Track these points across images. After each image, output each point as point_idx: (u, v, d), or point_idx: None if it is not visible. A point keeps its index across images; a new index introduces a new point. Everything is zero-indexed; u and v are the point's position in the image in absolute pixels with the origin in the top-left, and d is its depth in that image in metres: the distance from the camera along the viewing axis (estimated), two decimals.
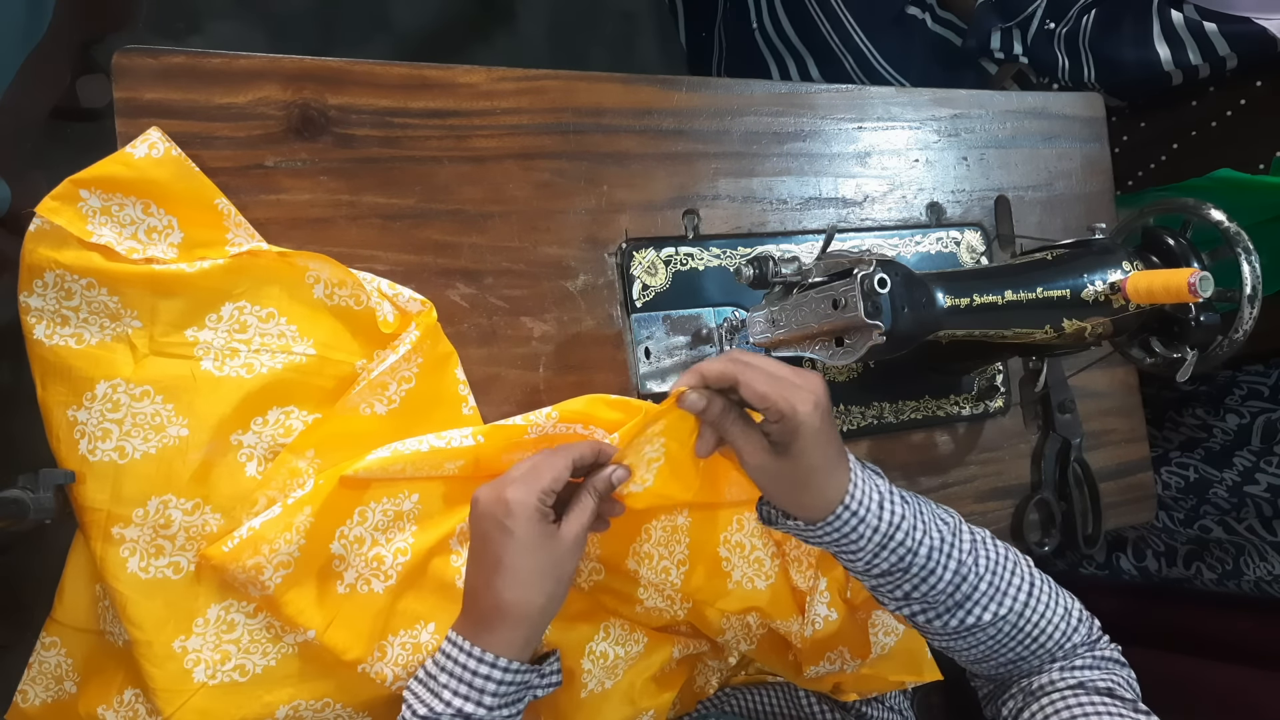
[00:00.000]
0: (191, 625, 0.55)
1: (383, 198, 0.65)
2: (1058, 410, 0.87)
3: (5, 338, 1.21)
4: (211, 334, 0.56)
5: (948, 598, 0.55)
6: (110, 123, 0.58)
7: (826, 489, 0.53)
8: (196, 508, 0.55)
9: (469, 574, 0.53)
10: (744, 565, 0.67)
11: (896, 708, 0.75)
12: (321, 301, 0.58)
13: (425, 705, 0.51)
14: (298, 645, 0.58)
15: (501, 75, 0.69)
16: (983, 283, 0.64)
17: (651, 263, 0.73)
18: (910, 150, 0.85)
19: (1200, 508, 1.02)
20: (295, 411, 0.58)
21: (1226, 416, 1.01)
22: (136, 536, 0.54)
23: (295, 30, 1.43)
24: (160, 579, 0.54)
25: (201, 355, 0.56)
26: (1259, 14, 0.92)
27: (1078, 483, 0.88)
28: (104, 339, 0.54)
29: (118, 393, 0.54)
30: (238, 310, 0.57)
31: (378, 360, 0.59)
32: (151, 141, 0.55)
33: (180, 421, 0.55)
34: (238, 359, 0.56)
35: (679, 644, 0.67)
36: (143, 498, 0.54)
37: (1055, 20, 1.11)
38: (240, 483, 0.56)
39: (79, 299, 0.54)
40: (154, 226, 0.55)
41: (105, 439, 0.54)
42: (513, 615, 0.51)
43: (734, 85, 0.79)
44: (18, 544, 1.11)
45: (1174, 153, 1.03)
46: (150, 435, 0.54)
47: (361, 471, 0.57)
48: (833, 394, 0.78)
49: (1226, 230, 0.66)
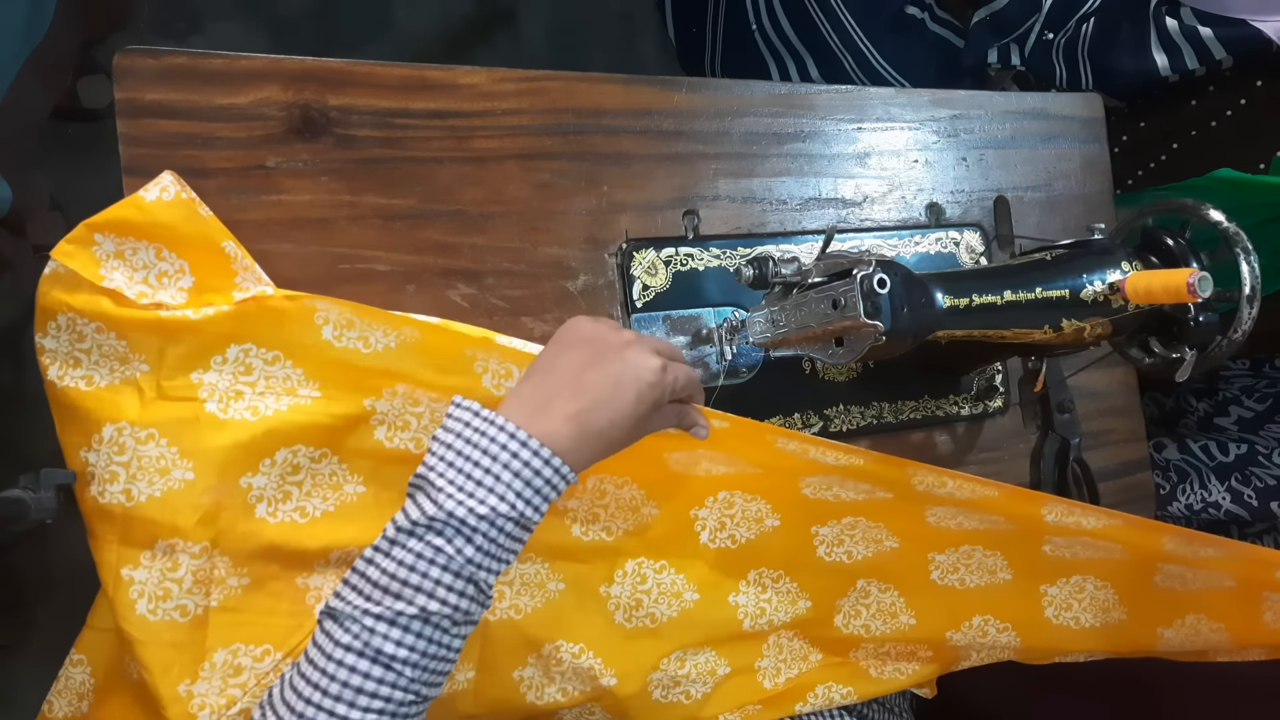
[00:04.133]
0: (198, 669, 0.55)
1: (383, 198, 0.65)
2: (1057, 410, 0.87)
3: (5, 338, 1.21)
4: (216, 376, 0.55)
5: None
6: (111, 123, 0.58)
7: None
8: (205, 551, 0.55)
9: (545, 381, 0.50)
10: None
11: (896, 709, 0.75)
12: (329, 343, 0.57)
13: (479, 501, 0.45)
14: None
15: (502, 76, 0.69)
16: (982, 283, 0.64)
17: (652, 263, 0.73)
18: (910, 151, 0.85)
19: (1170, 434, 1.02)
20: (302, 450, 0.57)
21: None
22: (145, 579, 0.54)
23: (296, 31, 1.43)
24: (168, 621, 0.54)
25: (206, 398, 0.55)
26: (1255, 16, 0.92)
27: (1077, 482, 0.88)
28: (112, 382, 0.54)
29: (123, 435, 0.54)
30: (243, 353, 0.56)
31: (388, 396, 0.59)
32: (163, 185, 0.56)
33: (185, 465, 0.54)
34: (242, 401, 0.56)
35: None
36: (150, 540, 0.54)
37: (1054, 31, 1.11)
38: (251, 525, 0.56)
39: (90, 342, 0.54)
40: (165, 271, 0.55)
41: (113, 481, 0.53)
42: (588, 440, 0.49)
43: (734, 86, 0.79)
44: (18, 544, 1.11)
45: (1173, 152, 1.03)
46: (155, 478, 0.54)
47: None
48: (832, 394, 0.78)
49: (1226, 230, 0.66)
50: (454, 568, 0.44)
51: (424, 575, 0.44)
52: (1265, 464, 0.90)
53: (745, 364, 0.75)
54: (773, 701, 0.68)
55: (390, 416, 0.59)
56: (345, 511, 0.58)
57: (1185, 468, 0.95)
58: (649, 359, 0.51)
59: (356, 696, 0.42)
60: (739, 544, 0.66)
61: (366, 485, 0.58)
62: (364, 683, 0.43)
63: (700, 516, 0.66)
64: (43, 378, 0.54)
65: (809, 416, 0.77)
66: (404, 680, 0.43)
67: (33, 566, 1.14)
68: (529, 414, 0.48)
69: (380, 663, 0.43)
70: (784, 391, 0.77)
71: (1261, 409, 0.97)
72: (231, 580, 0.56)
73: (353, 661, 0.43)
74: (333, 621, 0.44)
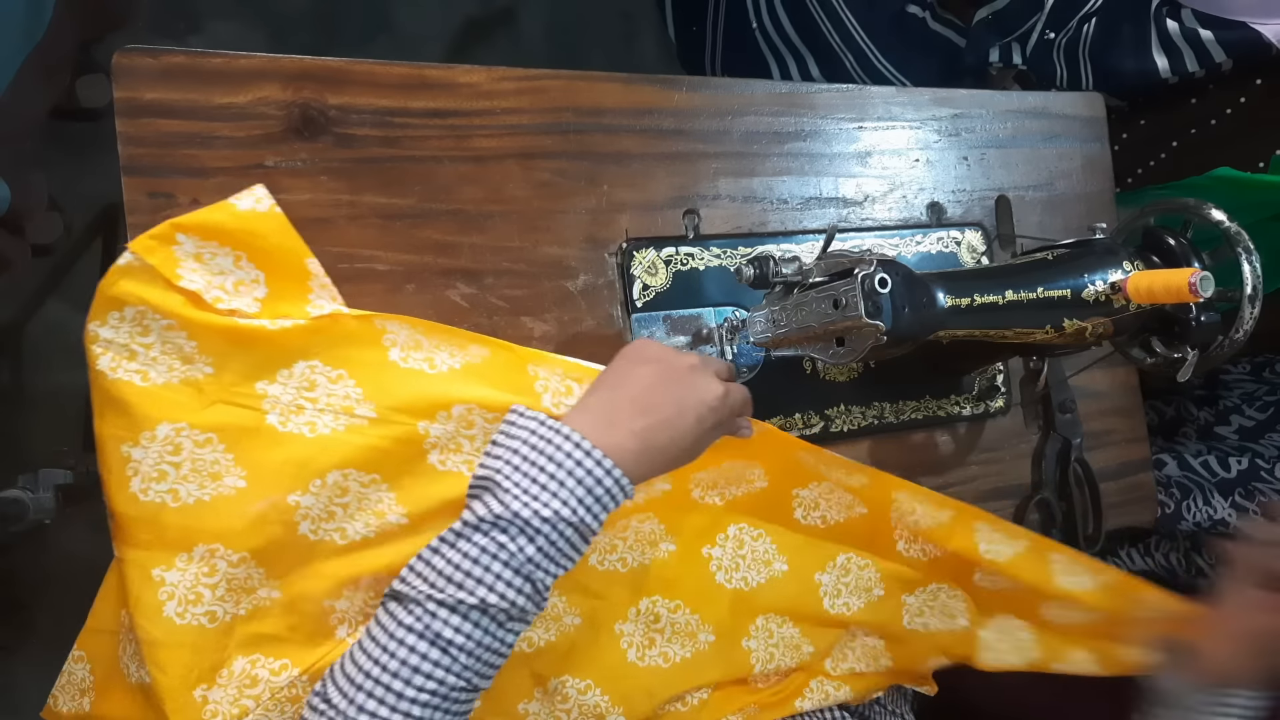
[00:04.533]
0: (216, 676, 0.54)
1: (383, 198, 0.65)
2: (1058, 410, 0.87)
3: (5, 338, 1.21)
4: (280, 389, 0.56)
5: None
6: (110, 123, 0.58)
7: None
8: (243, 561, 0.55)
9: (614, 396, 0.53)
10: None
11: (896, 710, 0.74)
12: (395, 364, 0.57)
13: (544, 504, 0.47)
14: None
15: (502, 75, 0.69)
16: (983, 283, 0.64)
17: (652, 263, 0.73)
18: (911, 150, 0.85)
19: (1168, 446, 1.02)
20: (352, 474, 0.57)
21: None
22: (177, 581, 0.53)
23: (295, 30, 1.43)
24: (194, 626, 0.54)
25: (268, 409, 0.55)
26: (1255, 19, 0.92)
27: (1078, 483, 0.88)
28: (170, 380, 0.54)
29: (180, 436, 0.53)
30: (309, 368, 0.56)
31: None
32: (258, 196, 0.56)
33: (238, 472, 0.54)
34: (302, 416, 0.56)
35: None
36: (190, 543, 0.53)
37: (1055, 30, 1.11)
38: (292, 542, 0.56)
39: (155, 337, 0.54)
40: (242, 279, 0.56)
41: (161, 480, 0.53)
42: (650, 456, 0.51)
43: (734, 85, 0.79)
44: (18, 544, 1.11)
45: (1173, 150, 1.03)
46: (206, 482, 0.54)
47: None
48: (833, 394, 0.78)
49: (1227, 230, 0.66)
50: (515, 564, 0.46)
51: (486, 569, 0.46)
52: (1268, 478, 0.90)
53: (745, 364, 0.75)
54: (770, 705, 0.68)
55: (444, 440, 0.58)
56: (384, 538, 0.58)
57: (1188, 484, 0.95)
58: (713, 383, 0.54)
59: (413, 675, 0.45)
60: (751, 587, 0.67)
61: (409, 517, 0.58)
62: (421, 663, 0.45)
63: (714, 556, 0.67)
64: (90, 365, 0.53)
65: (809, 416, 0.77)
66: (458, 666, 0.45)
67: (32, 566, 1.14)
68: (596, 425, 0.50)
69: (439, 646, 0.45)
70: (784, 391, 0.76)
71: (1262, 418, 0.96)
72: (262, 592, 0.55)
73: (413, 642, 0.45)
74: (397, 603, 0.47)
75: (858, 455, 0.80)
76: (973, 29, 1.17)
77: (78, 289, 1.22)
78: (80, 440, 1.09)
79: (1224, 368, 1.03)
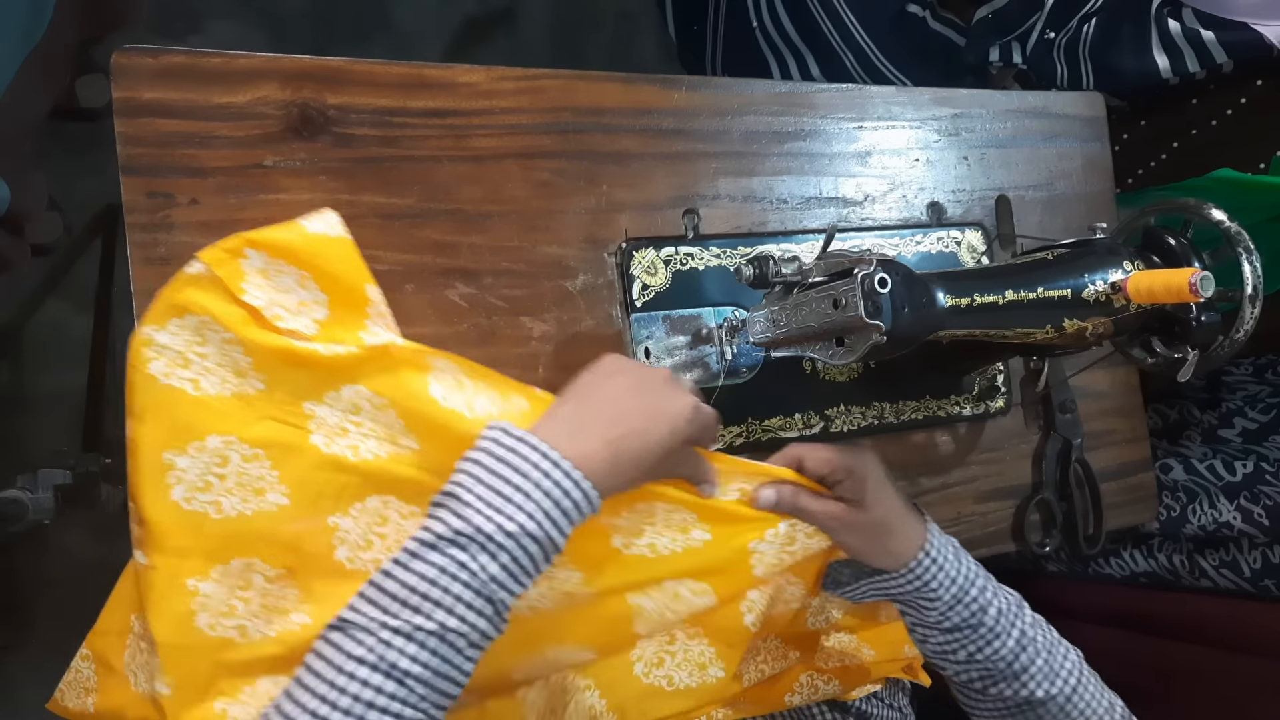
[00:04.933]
0: (239, 692, 0.54)
1: (382, 197, 0.65)
2: (1058, 410, 0.87)
3: (5, 338, 1.21)
4: (327, 411, 0.56)
5: (1007, 666, 0.59)
6: (109, 122, 0.58)
7: (907, 534, 0.60)
8: (279, 578, 0.55)
9: (584, 406, 0.51)
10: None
11: (897, 706, 0.75)
12: (435, 401, 0.57)
13: (508, 518, 0.44)
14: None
15: (501, 75, 0.69)
16: (983, 282, 0.64)
17: (651, 262, 0.73)
18: (911, 150, 0.85)
19: (1173, 450, 1.02)
20: (393, 502, 0.57)
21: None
22: (211, 592, 0.53)
23: (294, 30, 1.43)
24: (224, 639, 0.54)
25: (314, 429, 0.55)
26: (1256, 20, 0.92)
27: (1079, 483, 0.88)
28: (222, 393, 0.54)
29: (230, 449, 0.53)
30: (356, 394, 0.56)
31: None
32: (329, 221, 0.57)
33: (281, 490, 0.54)
34: (346, 439, 0.56)
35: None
36: (227, 555, 0.54)
37: (1055, 30, 1.11)
38: (329, 566, 0.56)
39: (212, 348, 0.54)
40: (304, 300, 0.56)
41: (205, 491, 0.53)
42: (620, 468, 0.49)
43: (734, 85, 0.78)
44: (17, 544, 1.11)
45: (1174, 151, 1.03)
46: (250, 497, 0.54)
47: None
48: (833, 394, 0.78)
49: (1227, 230, 0.66)
50: (476, 584, 0.43)
51: (445, 590, 0.43)
52: (1274, 482, 0.90)
53: (745, 364, 0.75)
54: (759, 700, 0.68)
55: None
56: None
57: (1194, 488, 0.95)
58: (686, 396, 0.53)
59: (368, 711, 0.41)
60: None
61: None
62: (375, 697, 0.41)
63: (750, 599, 0.65)
64: (136, 367, 0.53)
65: (809, 417, 0.77)
66: (414, 697, 0.42)
67: (32, 566, 1.14)
68: (565, 436, 0.48)
69: (394, 677, 0.42)
70: (784, 391, 0.76)
71: (1266, 420, 0.96)
72: (295, 616, 0.55)
73: (365, 675, 0.41)
74: (342, 633, 0.43)
75: None
76: (972, 28, 1.17)
77: (78, 289, 1.22)
78: (80, 440, 1.09)
79: (1226, 369, 1.02)
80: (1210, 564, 0.96)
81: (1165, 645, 0.97)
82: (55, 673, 0.60)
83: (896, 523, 0.60)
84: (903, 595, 0.61)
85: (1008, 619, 0.60)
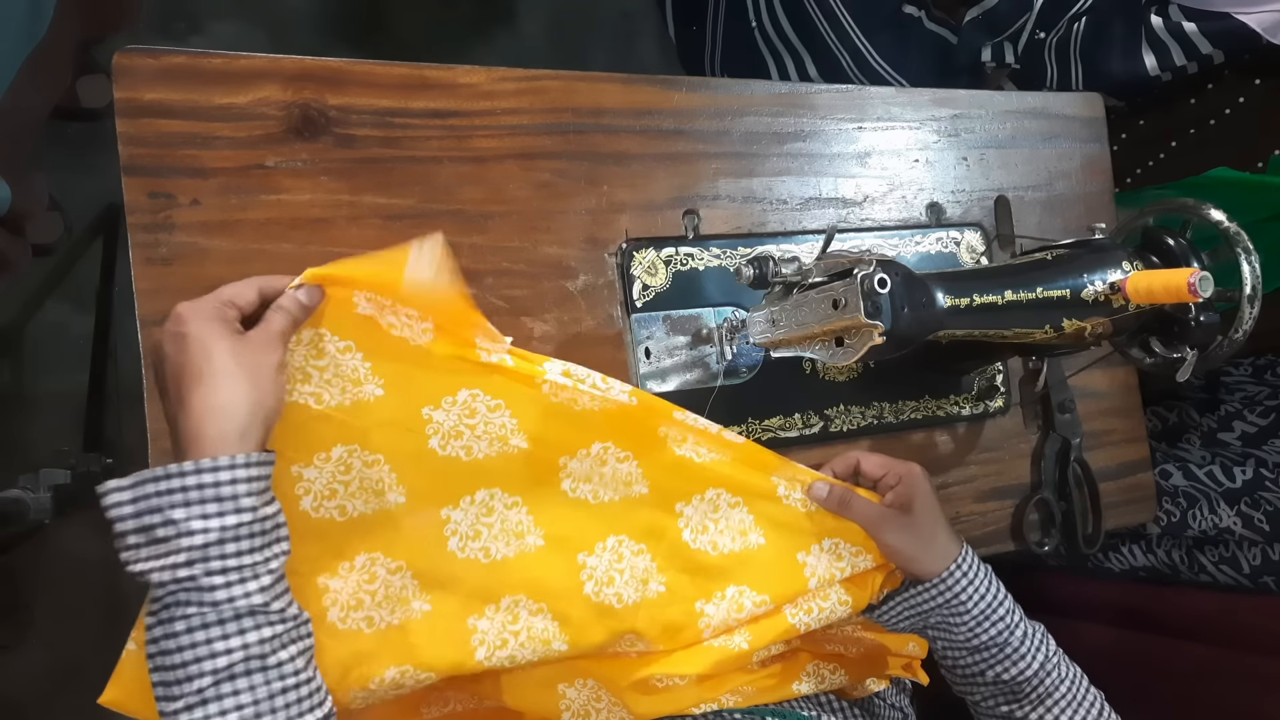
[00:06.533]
0: (369, 681, 0.57)
1: (383, 198, 0.65)
2: (1057, 410, 0.87)
3: (6, 338, 1.21)
4: (444, 415, 0.59)
5: (1032, 690, 0.62)
6: (110, 123, 0.58)
7: (946, 545, 0.64)
8: (399, 569, 0.58)
9: (167, 410, 0.49)
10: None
11: (899, 706, 0.75)
12: (546, 398, 0.61)
13: (177, 548, 0.43)
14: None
15: (502, 75, 0.69)
16: (983, 283, 0.64)
17: (651, 263, 0.73)
18: (910, 150, 0.85)
19: (1172, 454, 1.02)
20: (499, 494, 0.61)
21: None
22: (340, 588, 0.57)
23: (295, 30, 1.43)
24: (354, 631, 0.57)
25: (431, 434, 0.58)
26: (1238, 9, 0.92)
27: (1078, 483, 0.88)
28: (343, 402, 0.56)
29: (352, 457, 0.57)
30: (471, 397, 0.59)
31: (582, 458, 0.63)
32: (428, 259, 0.57)
33: (399, 489, 0.58)
34: (460, 440, 0.59)
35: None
36: (353, 553, 0.57)
37: (1045, 30, 1.11)
38: (442, 556, 0.59)
39: (328, 360, 0.56)
40: (411, 314, 0.58)
41: (331, 498, 0.56)
42: (217, 419, 0.46)
43: (734, 85, 0.79)
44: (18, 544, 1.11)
45: (1172, 150, 1.03)
46: (371, 498, 0.57)
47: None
48: (832, 394, 0.78)
49: (1226, 230, 0.66)
50: (219, 615, 0.44)
51: (198, 644, 0.44)
52: (1273, 487, 0.91)
53: (745, 364, 0.75)
54: (767, 688, 0.68)
55: (578, 472, 0.63)
56: (523, 561, 0.61)
57: (1194, 493, 0.95)
58: (170, 320, 0.48)
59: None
60: (721, 553, 0.67)
61: (546, 540, 0.62)
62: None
63: (685, 513, 0.66)
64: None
65: (809, 416, 0.77)
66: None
67: (32, 566, 1.14)
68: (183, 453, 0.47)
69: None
70: (784, 391, 0.76)
71: (1265, 424, 0.97)
72: (415, 604, 0.59)
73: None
74: None
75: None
76: (963, 28, 1.18)
77: (78, 289, 1.22)
78: (80, 440, 1.09)
79: (1226, 370, 1.03)
80: (1210, 560, 0.96)
81: (1164, 642, 0.97)
82: (55, 672, 0.60)
83: (938, 532, 0.64)
84: (933, 608, 0.63)
85: (1033, 642, 0.63)
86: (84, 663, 1.12)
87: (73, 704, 1.11)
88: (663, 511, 0.65)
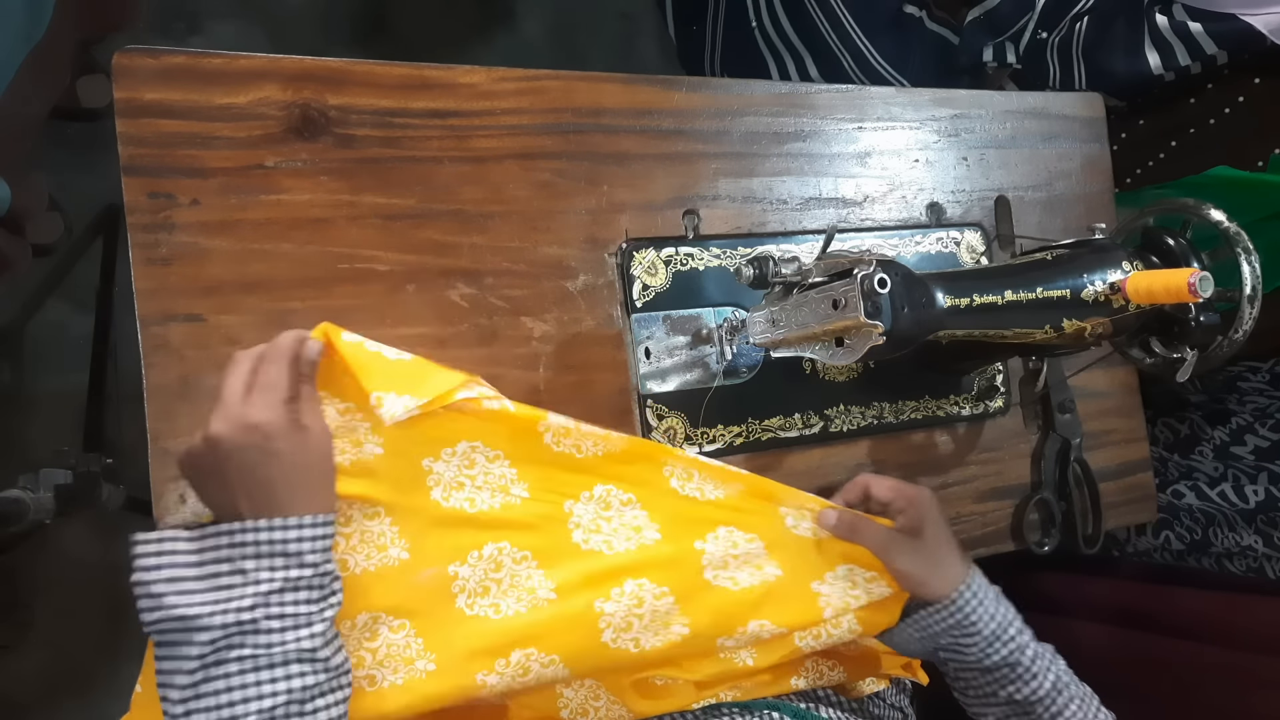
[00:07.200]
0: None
1: (383, 198, 0.65)
2: (1058, 410, 0.87)
3: (5, 338, 1.21)
4: (444, 466, 0.59)
5: (1045, 709, 0.62)
6: (110, 123, 0.58)
7: (955, 568, 0.64)
8: (402, 627, 0.57)
9: (213, 497, 0.51)
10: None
11: (899, 706, 0.75)
12: (548, 448, 0.61)
13: (243, 595, 0.46)
14: None
15: (502, 75, 0.69)
16: (983, 283, 0.64)
17: (651, 263, 0.73)
18: (910, 150, 0.85)
19: (1186, 470, 1.02)
20: (507, 548, 0.60)
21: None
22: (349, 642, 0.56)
23: (295, 30, 1.43)
24: (355, 690, 0.56)
25: (433, 485, 0.59)
26: (1244, 10, 0.92)
27: (1078, 483, 0.88)
28: (342, 462, 0.56)
29: (351, 509, 0.57)
30: (470, 448, 0.59)
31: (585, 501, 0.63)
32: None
33: (402, 544, 0.58)
34: (462, 492, 0.59)
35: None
36: (354, 611, 0.56)
37: (1048, 30, 1.11)
38: (449, 613, 0.58)
39: (330, 422, 0.56)
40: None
41: (333, 550, 0.56)
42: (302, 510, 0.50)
43: (734, 85, 0.79)
44: (18, 544, 1.11)
45: (1172, 150, 1.03)
46: (373, 553, 0.57)
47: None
48: (833, 394, 0.78)
49: (1226, 230, 0.66)
50: (270, 659, 0.47)
51: (248, 687, 0.47)
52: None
53: (745, 364, 0.75)
54: (766, 683, 0.68)
55: (585, 520, 0.62)
56: (535, 616, 0.60)
57: (1211, 511, 0.96)
58: (252, 433, 0.49)
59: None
60: (739, 588, 0.67)
61: (557, 592, 0.61)
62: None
63: (707, 551, 0.66)
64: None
65: (809, 416, 0.77)
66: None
67: (32, 566, 1.14)
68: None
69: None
70: (784, 391, 0.76)
71: (1277, 438, 0.97)
72: (420, 664, 0.57)
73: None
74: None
75: (857, 455, 0.80)
76: (965, 28, 1.18)
77: (78, 289, 1.22)
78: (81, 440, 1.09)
79: (1242, 375, 1.02)
80: (1236, 569, 0.97)
81: (1163, 642, 0.97)
82: (55, 673, 0.60)
83: (947, 555, 0.65)
84: (944, 629, 0.63)
85: (1044, 661, 0.63)
86: (84, 663, 1.13)
87: (73, 704, 1.11)
88: (682, 550, 0.64)
